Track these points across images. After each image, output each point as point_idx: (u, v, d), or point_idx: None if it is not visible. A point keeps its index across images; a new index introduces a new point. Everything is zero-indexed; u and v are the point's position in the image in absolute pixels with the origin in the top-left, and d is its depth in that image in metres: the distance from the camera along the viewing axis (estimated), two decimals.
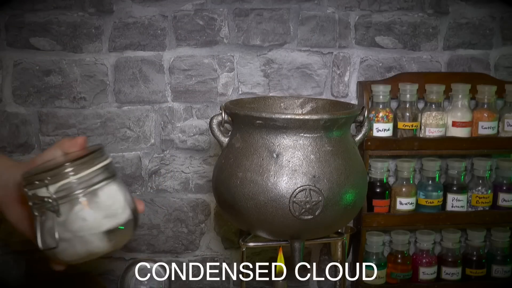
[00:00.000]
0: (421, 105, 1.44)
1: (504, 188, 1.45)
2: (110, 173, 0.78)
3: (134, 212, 0.80)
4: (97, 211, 0.76)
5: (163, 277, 1.42)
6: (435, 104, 1.41)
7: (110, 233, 0.77)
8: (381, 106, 1.40)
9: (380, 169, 1.42)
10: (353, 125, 1.08)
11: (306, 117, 0.97)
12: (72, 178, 0.74)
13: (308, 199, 0.96)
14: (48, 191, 0.74)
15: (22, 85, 1.39)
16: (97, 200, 0.76)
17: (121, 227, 0.78)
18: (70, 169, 0.74)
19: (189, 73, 1.42)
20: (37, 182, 0.74)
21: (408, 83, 1.41)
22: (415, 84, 1.41)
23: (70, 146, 0.83)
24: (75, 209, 0.75)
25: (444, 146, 1.41)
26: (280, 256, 1.09)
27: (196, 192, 1.47)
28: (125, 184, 0.84)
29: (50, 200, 0.74)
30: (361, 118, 1.06)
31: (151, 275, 1.41)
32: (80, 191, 0.75)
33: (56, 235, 0.75)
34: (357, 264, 1.44)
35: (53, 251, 0.78)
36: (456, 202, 1.43)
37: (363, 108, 1.06)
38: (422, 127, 1.42)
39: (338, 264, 1.37)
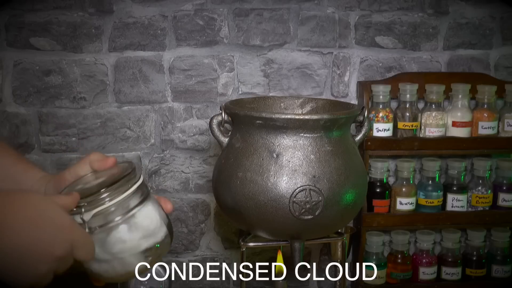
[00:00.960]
0: (421, 105, 1.44)
1: (504, 188, 1.45)
2: (145, 193, 0.77)
3: (169, 227, 0.80)
4: (135, 233, 0.76)
5: (163, 277, 1.42)
6: (435, 104, 1.41)
7: (148, 251, 0.77)
8: (381, 106, 1.40)
9: (380, 169, 1.42)
10: (353, 125, 1.08)
11: (306, 117, 0.97)
12: (109, 204, 0.73)
13: (308, 199, 0.96)
14: (82, 218, 0.73)
15: (22, 85, 1.39)
16: (135, 221, 0.76)
17: (158, 245, 0.78)
18: (106, 194, 0.73)
19: (189, 73, 1.42)
20: (74, 209, 0.73)
21: (408, 83, 1.41)
22: (415, 84, 1.41)
23: (100, 165, 0.81)
24: (113, 233, 0.74)
25: (444, 146, 1.41)
26: (280, 256, 1.08)
27: (196, 192, 1.47)
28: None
29: (86, 228, 0.73)
30: (361, 118, 1.06)
31: (151, 275, 1.41)
32: (119, 217, 0.74)
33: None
34: (357, 264, 1.44)
35: (92, 271, 0.78)
36: (456, 202, 1.43)
37: (363, 108, 1.06)
38: (422, 127, 1.42)
39: (338, 264, 1.37)
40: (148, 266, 0.78)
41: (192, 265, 1.49)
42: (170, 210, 0.81)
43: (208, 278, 1.49)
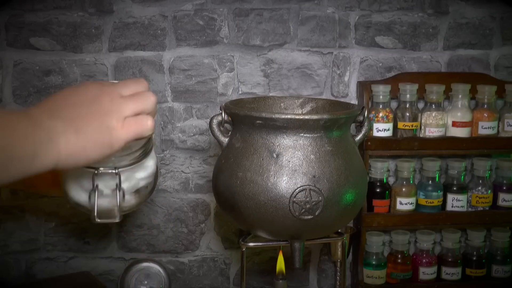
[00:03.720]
0: (421, 105, 1.44)
1: (504, 188, 1.45)
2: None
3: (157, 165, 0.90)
4: (141, 172, 0.85)
5: (163, 277, 1.42)
6: (435, 104, 1.41)
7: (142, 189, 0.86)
8: (381, 106, 1.40)
9: (380, 169, 1.42)
10: (353, 125, 1.08)
11: (306, 117, 0.97)
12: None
13: (308, 199, 0.96)
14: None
15: (22, 85, 1.39)
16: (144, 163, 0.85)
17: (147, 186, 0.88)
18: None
19: (189, 73, 1.42)
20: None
21: (408, 83, 1.41)
22: (415, 84, 1.41)
23: None
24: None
25: (444, 146, 1.41)
26: (280, 256, 1.09)
27: (196, 192, 1.47)
28: None
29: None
30: (361, 118, 1.06)
31: (151, 275, 1.41)
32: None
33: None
34: (357, 264, 1.45)
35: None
36: (456, 202, 1.43)
37: (363, 108, 1.06)
38: (422, 127, 1.42)
39: (338, 264, 1.38)
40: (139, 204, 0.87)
41: (192, 265, 1.49)
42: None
43: (208, 278, 1.50)
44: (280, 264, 1.08)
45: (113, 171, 0.79)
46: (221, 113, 1.03)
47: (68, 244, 1.45)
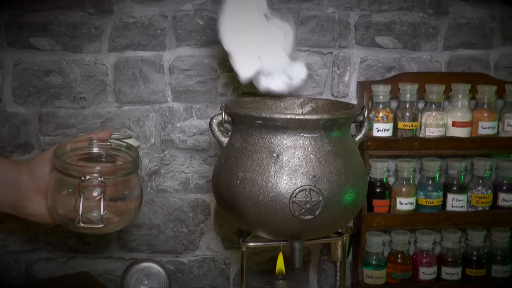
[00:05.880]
0: (421, 105, 1.44)
1: (504, 188, 1.45)
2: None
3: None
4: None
5: (163, 277, 1.42)
6: (435, 104, 1.41)
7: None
8: (381, 106, 1.40)
9: (380, 169, 1.42)
10: (353, 125, 1.08)
11: (306, 117, 0.97)
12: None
13: (308, 199, 0.96)
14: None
15: (22, 85, 1.39)
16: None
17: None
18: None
19: (189, 73, 1.42)
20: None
21: (408, 83, 1.41)
22: (415, 84, 1.41)
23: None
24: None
25: (444, 146, 1.41)
26: (280, 256, 1.08)
27: (196, 192, 1.47)
28: None
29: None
30: (361, 118, 1.06)
31: (151, 275, 1.42)
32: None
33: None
34: (357, 264, 1.45)
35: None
36: (456, 202, 1.43)
37: (363, 108, 1.06)
38: (422, 127, 1.42)
39: (338, 264, 1.38)
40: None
41: (192, 265, 1.49)
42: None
43: (208, 278, 1.50)
44: (280, 264, 1.08)
45: (99, 179, 0.86)
46: (221, 113, 1.04)
47: (68, 244, 1.45)
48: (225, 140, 1.04)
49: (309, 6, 1.43)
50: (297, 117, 0.97)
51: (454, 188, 1.43)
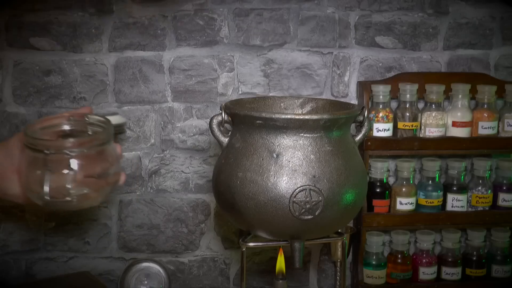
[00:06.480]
0: (421, 105, 1.44)
1: (504, 188, 1.45)
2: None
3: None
4: None
5: (163, 277, 1.42)
6: (435, 104, 1.41)
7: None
8: (381, 106, 1.40)
9: (380, 169, 1.42)
10: (353, 125, 1.08)
11: (306, 117, 0.97)
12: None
13: (308, 199, 0.96)
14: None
15: (22, 85, 1.39)
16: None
17: None
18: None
19: (189, 73, 1.42)
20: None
21: (408, 83, 1.41)
22: (415, 84, 1.41)
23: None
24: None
25: (444, 146, 1.41)
26: (280, 256, 1.09)
27: (196, 192, 1.47)
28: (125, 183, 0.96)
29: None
30: (361, 118, 1.06)
31: (151, 275, 1.42)
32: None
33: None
34: (357, 264, 1.45)
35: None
36: (456, 202, 1.43)
37: (363, 108, 1.06)
38: (422, 127, 1.42)
39: (338, 264, 1.38)
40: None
41: (192, 265, 1.49)
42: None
43: (208, 278, 1.50)
44: (280, 264, 1.08)
45: (67, 153, 0.84)
46: (221, 113, 1.04)
47: (68, 244, 1.45)
48: (225, 140, 1.04)
49: (309, 6, 1.43)
50: (297, 117, 0.97)
51: (454, 188, 1.43)
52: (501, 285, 1.46)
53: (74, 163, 0.86)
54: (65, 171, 0.86)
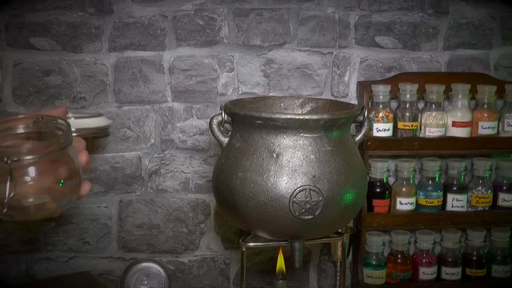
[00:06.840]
0: (421, 105, 1.44)
1: (504, 188, 1.45)
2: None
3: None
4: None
5: (163, 277, 1.42)
6: (435, 104, 1.41)
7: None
8: (381, 106, 1.40)
9: (380, 169, 1.42)
10: (353, 125, 1.08)
11: (306, 117, 0.97)
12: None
13: (308, 199, 0.96)
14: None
15: (22, 85, 1.39)
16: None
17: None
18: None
19: (189, 73, 1.42)
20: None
21: (408, 83, 1.41)
22: (415, 84, 1.41)
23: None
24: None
25: (444, 146, 1.41)
26: (280, 256, 1.09)
27: (196, 192, 1.47)
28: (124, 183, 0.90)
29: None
30: (361, 118, 1.06)
31: (151, 275, 1.42)
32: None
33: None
34: (357, 264, 1.45)
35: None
36: (456, 202, 1.43)
37: (363, 108, 1.06)
38: (422, 127, 1.42)
39: (338, 264, 1.38)
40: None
41: (192, 265, 1.49)
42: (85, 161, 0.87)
43: (208, 278, 1.50)
44: (280, 264, 1.08)
45: (5, 160, 0.77)
46: (221, 113, 1.04)
47: (68, 244, 1.45)
48: (225, 140, 1.04)
49: (309, 6, 1.43)
50: (297, 117, 0.97)
51: (454, 188, 1.43)
52: (501, 285, 1.46)
53: (13, 172, 0.79)
54: (25, 178, 0.79)
